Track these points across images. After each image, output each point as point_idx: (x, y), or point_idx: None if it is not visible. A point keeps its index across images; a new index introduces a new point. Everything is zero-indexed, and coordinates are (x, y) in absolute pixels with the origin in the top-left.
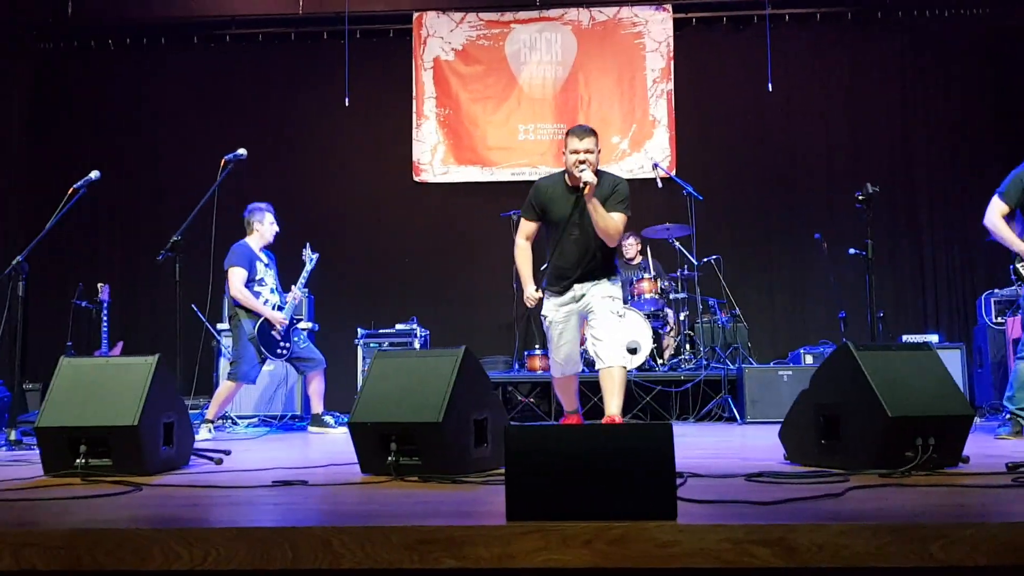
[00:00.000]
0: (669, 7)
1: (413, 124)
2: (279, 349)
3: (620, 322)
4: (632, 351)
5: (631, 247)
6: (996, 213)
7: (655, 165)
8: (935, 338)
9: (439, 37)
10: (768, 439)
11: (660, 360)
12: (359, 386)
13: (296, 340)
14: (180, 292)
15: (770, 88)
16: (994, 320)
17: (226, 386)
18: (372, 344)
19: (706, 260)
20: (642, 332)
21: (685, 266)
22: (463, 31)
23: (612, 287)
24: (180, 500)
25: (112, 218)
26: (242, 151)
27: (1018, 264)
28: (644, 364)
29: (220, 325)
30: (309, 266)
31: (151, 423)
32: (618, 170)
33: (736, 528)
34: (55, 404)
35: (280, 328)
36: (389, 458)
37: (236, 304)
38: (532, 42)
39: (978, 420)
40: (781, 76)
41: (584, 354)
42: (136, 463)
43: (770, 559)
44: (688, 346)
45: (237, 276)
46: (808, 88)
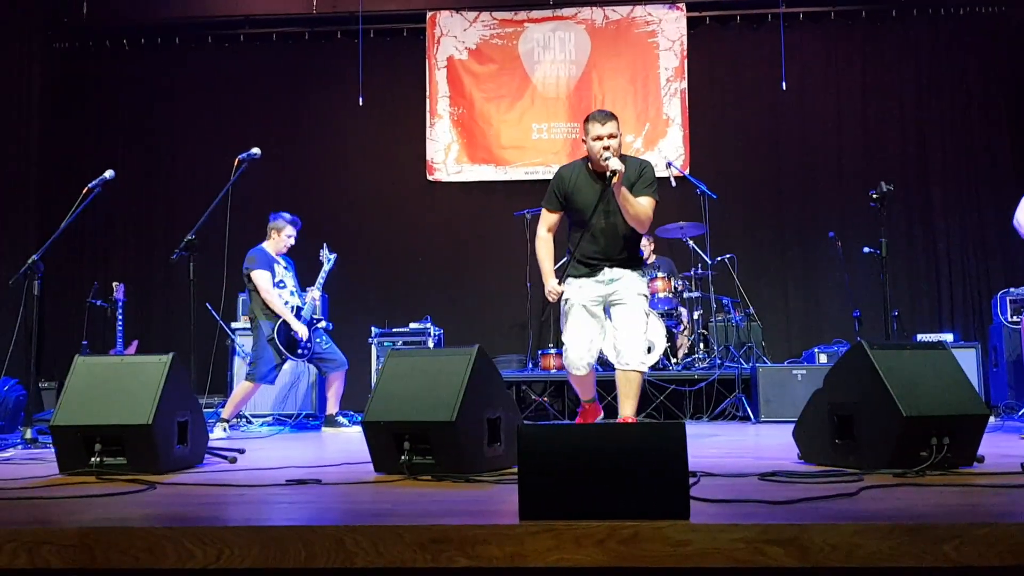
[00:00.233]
0: (683, 6)
1: (427, 123)
2: (300, 349)
3: (645, 323)
4: (647, 350)
5: (644, 247)
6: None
7: (669, 164)
8: (950, 337)
9: (453, 36)
10: (782, 438)
11: (674, 359)
12: (373, 385)
13: (318, 341)
14: (194, 291)
15: (784, 87)
16: (1009, 319)
17: (243, 386)
18: (386, 343)
19: (720, 259)
20: (656, 331)
21: (699, 265)
22: (477, 30)
23: (642, 282)
24: (194, 499)
25: (127, 217)
26: (256, 150)
27: None
28: (658, 363)
29: (234, 324)
30: (327, 266)
31: (165, 422)
32: None
33: (749, 527)
34: (70, 403)
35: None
36: (402, 457)
37: (256, 305)
38: (546, 41)
39: (993, 419)
40: (795, 74)
41: (600, 353)
42: (150, 462)
43: (783, 559)
44: (702, 345)
45: (264, 279)
46: (822, 86)
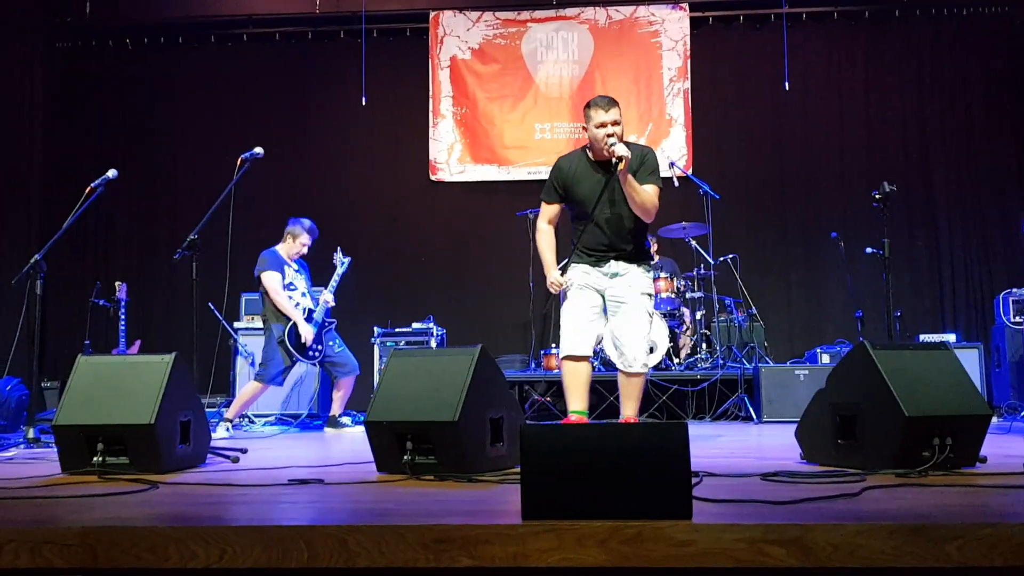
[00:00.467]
0: (686, 6)
1: (430, 123)
2: (311, 352)
3: (649, 324)
4: (649, 350)
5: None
6: None
7: (672, 164)
8: (952, 337)
9: (456, 36)
10: (784, 438)
11: (676, 359)
12: (375, 385)
13: (331, 344)
14: (197, 291)
15: (787, 87)
16: (1012, 319)
17: (251, 386)
18: (389, 343)
19: (723, 259)
20: (659, 331)
21: (701, 265)
22: (480, 30)
23: (647, 279)
24: (196, 498)
25: (130, 217)
26: (259, 150)
27: None
28: (660, 363)
29: (237, 324)
30: (340, 270)
31: (168, 421)
32: None
33: (752, 528)
34: (73, 402)
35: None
36: (405, 457)
37: (267, 307)
38: (549, 41)
39: (996, 420)
40: (798, 75)
41: (601, 353)
42: (153, 461)
43: (786, 559)
44: (704, 345)
45: (275, 280)
46: (825, 86)
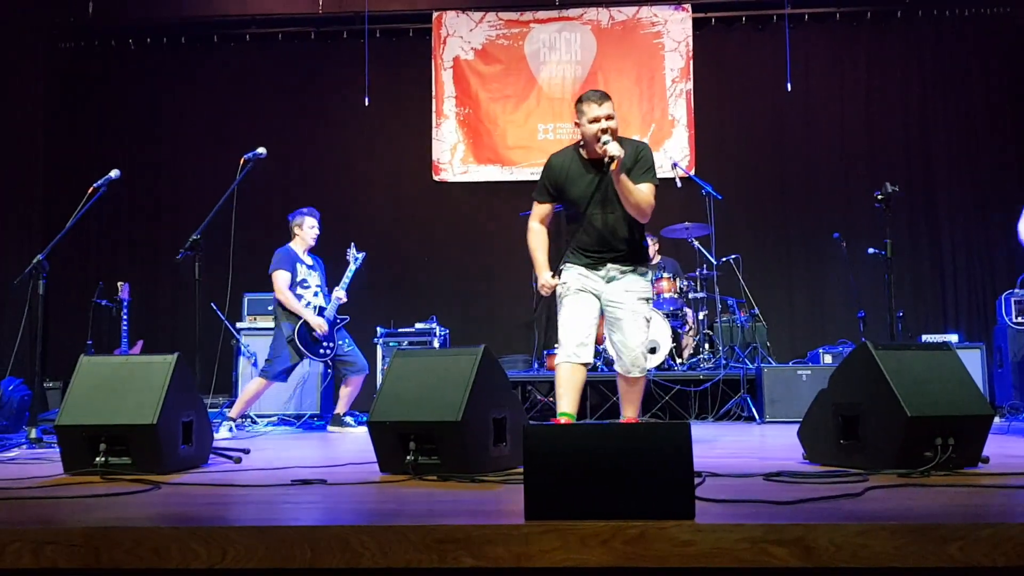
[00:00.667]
0: (688, 7)
1: (433, 123)
2: (321, 350)
3: (647, 331)
4: (651, 351)
5: (649, 248)
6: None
7: (674, 164)
8: (955, 337)
9: (459, 36)
10: (787, 439)
11: (679, 359)
12: (379, 385)
13: (341, 343)
14: (200, 291)
15: (789, 88)
16: (1014, 320)
17: (255, 383)
18: (392, 343)
19: (725, 259)
20: (661, 331)
21: (704, 265)
22: (483, 30)
23: (644, 283)
24: (199, 499)
25: (132, 217)
26: (261, 150)
27: None
28: (663, 363)
29: (239, 324)
30: (354, 266)
31: (170, 422)
32: None
33: (754, 528)
34: (75, 403)
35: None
36: (408, 457)
37: (279, 305)
38: (551, 42)
39: (998, 420)
40: (800, 75)
41: (604, 353)
42: (155, 462)
43: (788, 559)
44: (707, 345)
45: (282, 279)
46: (827, 87)
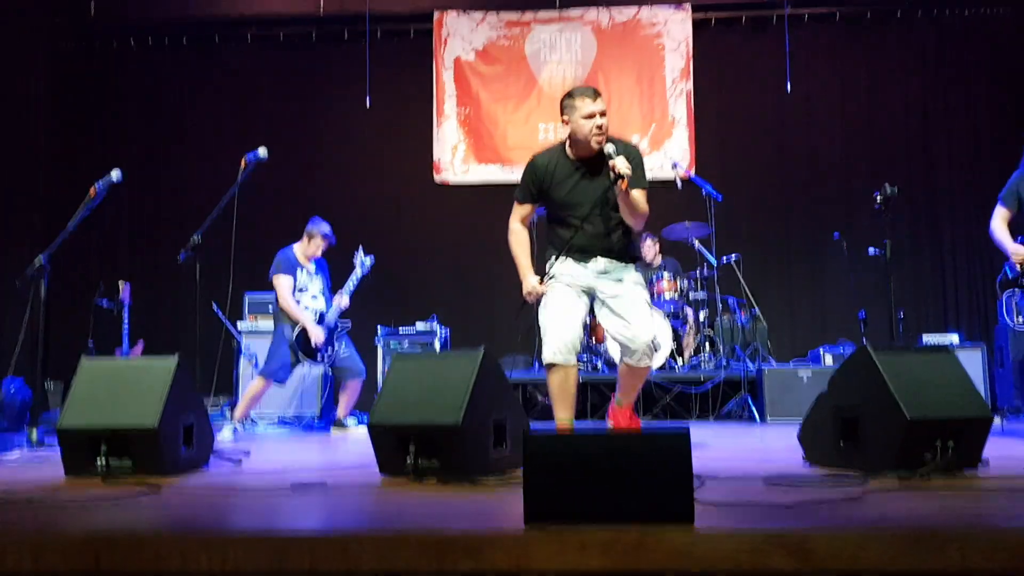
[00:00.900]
0: (688, 7)
1: (434, 123)
2: (320, 355)
3: (650, 313)
4: (653, 346)
5: (650, 248)
6: (995, 218)
7: (675, 165)
8: (956, 338)
9: (460, 37)
10: (788, 440)
11: (680, 360)
12: (379, 387)
13: (339, 347)
14: (200, 292)
15: (789, 88)
16: (1015, 320)
17: (255, 384)
18: (392, 343)
19: (726, 260)
20: (662, 331)
21: (704, 265)
22: (484, 31)
23: (637, 275)
24: (199, 502)
25: (133, 218)
26: (263, 150)
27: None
28: (664, 364)
29: (240, 324)
30: (360, 271)
31: (171, 424)
32: None
33: (754, 532)
34: (76, 405)
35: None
36: (408, 460)
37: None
38: (552, 42)
39: (998, 421)
40: (800, 76)
41: (605, 353)
42: (156, 464)
43: (788, 563)
44: (708, 346)
45: (284, 286)
46: (827, 88)
